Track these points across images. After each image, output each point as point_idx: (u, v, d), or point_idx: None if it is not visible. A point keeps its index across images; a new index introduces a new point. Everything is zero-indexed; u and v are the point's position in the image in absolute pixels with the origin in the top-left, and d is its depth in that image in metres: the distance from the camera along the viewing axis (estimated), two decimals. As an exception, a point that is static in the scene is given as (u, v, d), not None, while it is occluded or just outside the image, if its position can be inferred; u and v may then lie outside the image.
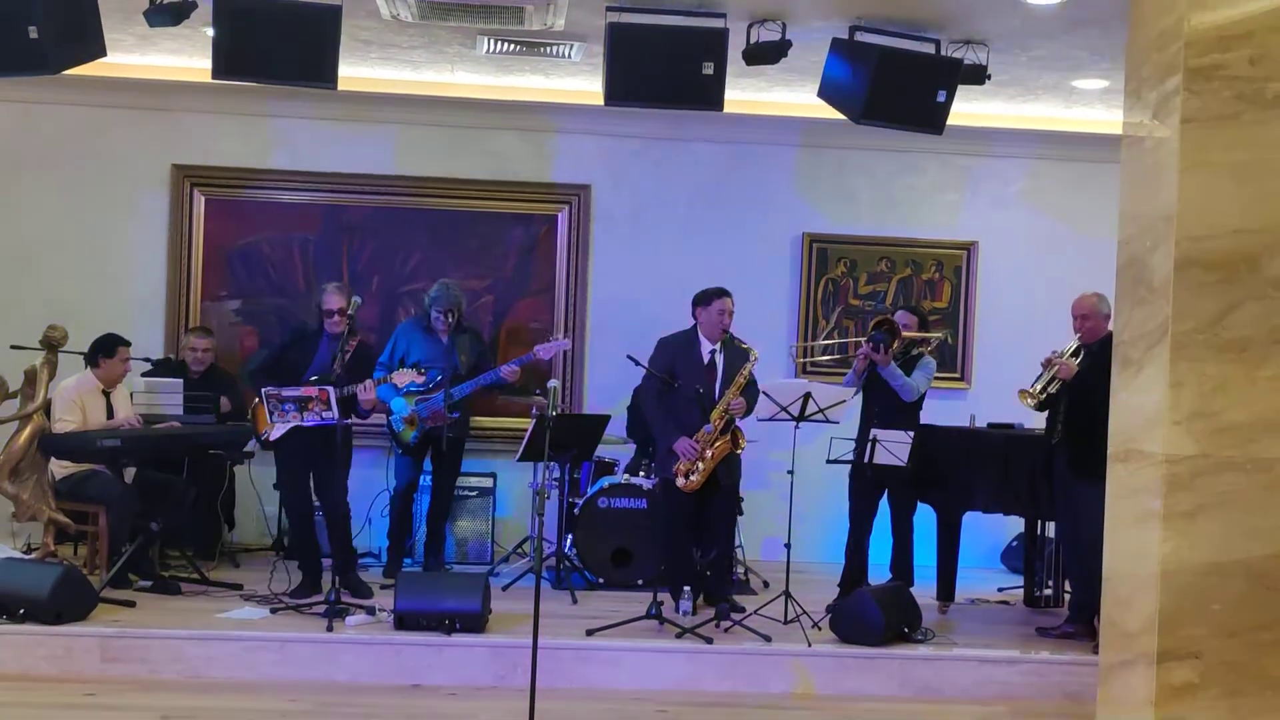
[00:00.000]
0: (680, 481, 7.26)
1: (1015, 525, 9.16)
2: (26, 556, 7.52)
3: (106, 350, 7.61)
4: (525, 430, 7.85)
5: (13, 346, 7.64)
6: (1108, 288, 7.00)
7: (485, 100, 9.29)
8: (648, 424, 7.77)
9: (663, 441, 7.47)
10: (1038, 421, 7.68)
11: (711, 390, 7.33)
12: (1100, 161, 9.51)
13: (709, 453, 7.22)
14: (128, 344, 7.73)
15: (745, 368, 7.28)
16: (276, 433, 7.31)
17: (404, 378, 7.40)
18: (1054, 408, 7.12)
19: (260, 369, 7.57)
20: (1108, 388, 5.11)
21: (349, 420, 7.11)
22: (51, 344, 7.35)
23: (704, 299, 7.49)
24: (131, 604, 6.98)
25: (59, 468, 7.51)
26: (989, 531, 9.32)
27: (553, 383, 5.63)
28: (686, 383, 7.30)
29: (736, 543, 8.18)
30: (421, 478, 8.46)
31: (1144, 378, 4.91)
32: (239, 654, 6.48)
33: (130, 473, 7.69)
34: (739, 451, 7.27)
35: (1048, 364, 7.08)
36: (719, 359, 7.42)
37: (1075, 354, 7.07)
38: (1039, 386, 7.08)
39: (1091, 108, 9.22)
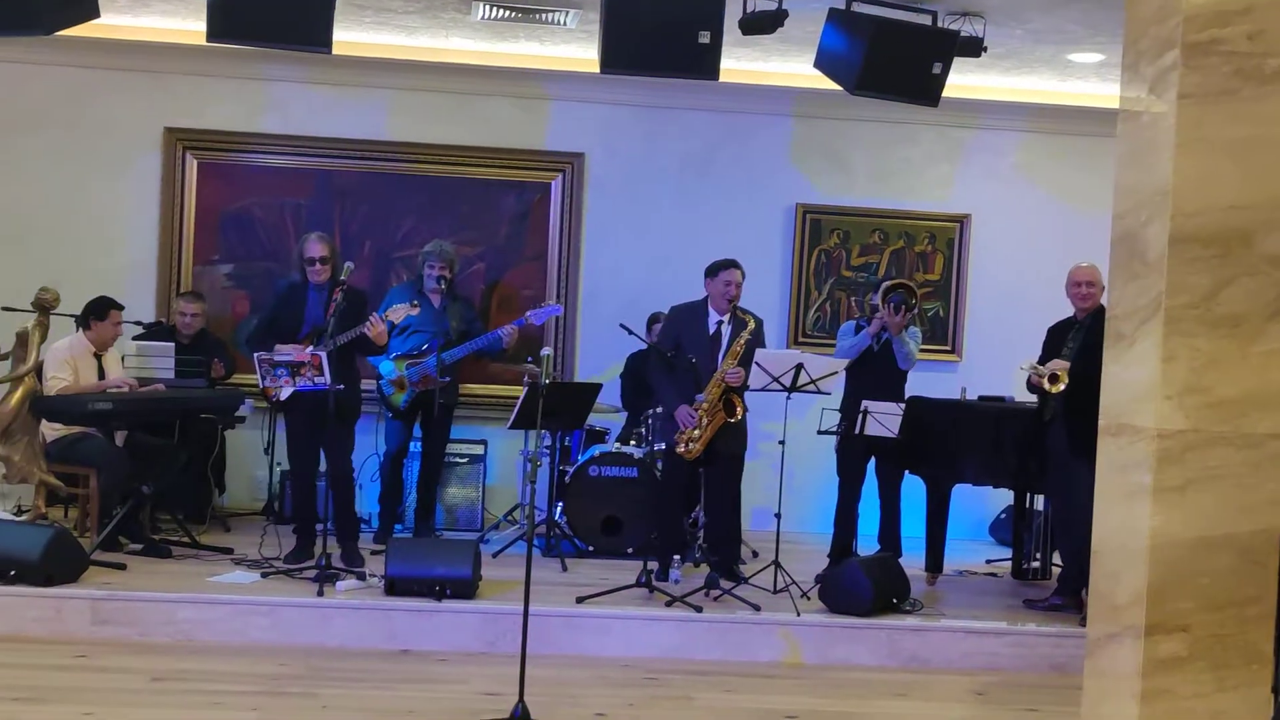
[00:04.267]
0: (680, 449, 7.28)
1: (1003, 498, 9.22)
2: (17, 518, 7.52)
3: (98, 313, 7.62)
4: (516, 398, 7.84)
5: (4, 308, 7.64)
6: (1099, 262, 7.05)
7: (479, 66, 9.26)
8: (653, 390, 7.77)
9: (665, 409, 7.50)
10: (1028, 395, 7.70)
11: (715, 361, 7.33)
12: (1094, 135, 9.52)
13: (706, 421, 7.23)
14: (120, 307, 7.73)
15: (741, 337, 7.28)
16: (285, 393, 7.25)
17: (398, 313, 7.32)
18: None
19: (255, 335, 7.53)
20: None
21: (341, 386, 7.06)
22: (43, 306, 7.34)
23: (712, 270, 7.49)
24: (122, 566, 6.99)
25: (50, 430, 7.51)
26: (977, 504, 9.38)
27: (546, 350, 5.62)
28: (691, 353, 7.32)
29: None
30: (411, 444, 8.47)
31: (1136, 352, 4.93)
32: (230, 618, 6.49)
33: (121, 436, 7.70)
34: (733, 421, 7.26)
35: (1041, 380, 6.98)
36: (725, 330, 7.42)
37: (1060, 345, 7.06)
38: (1048, 398, 6.97)
39: (1086, 81, 9.21)
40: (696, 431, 7.25)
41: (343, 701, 5.62)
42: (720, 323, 7.46)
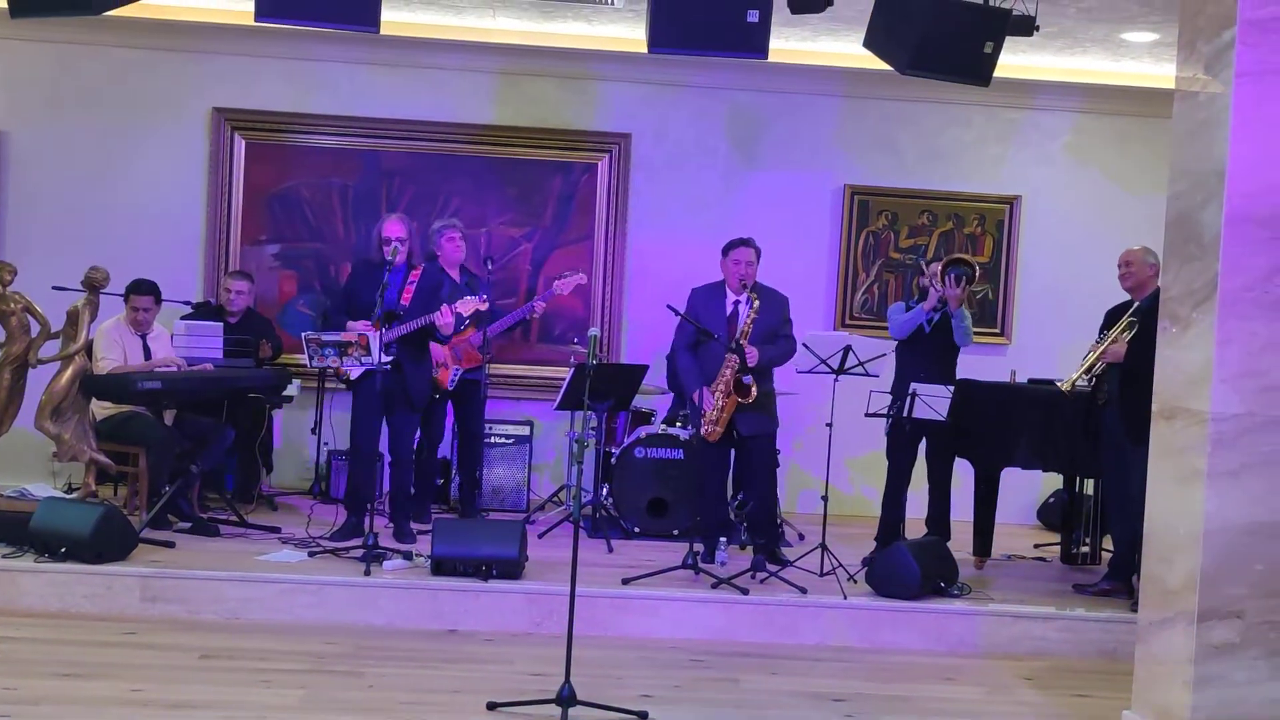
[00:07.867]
0: (703, 430, 7.26)
1: (1051, 482, 9.15)
2: (68, 496, 7.58)
3: (125, 295, 7.77)
4: (562, 378, 7.85)
5: (54, 287, 7.67)
6: (1153, 244, 6.97)
7: (527, 46, 9.25)
8: (678, 374, 7.74)
9: (685, 391, 7.49)
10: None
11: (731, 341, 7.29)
12: (1147, 116, 9.42)
13: (722, 403, 7.20)
14: (145, 292, 7.79)
15: (749, 317, 7.21)
16: (356, 372, 7.31)
17: (468, 306, 7.33)
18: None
19: (333, 312, 7.64)
20: None
21: (387, 366, 7.08)
22: (93, 285, 7.37)
23: (725, 250, 7.50)
24: (171, 544, 7.03)
25: (100, 409, 7.58)
26: (1025, 488, 9.30)
27: (593, 331, 5.60)
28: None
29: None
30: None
31: (1191, 335, 4.87)
32: (277, 596, 6.52)
33: (170, 415, 7.76)
34: (745, 401, 7.16)
35: (1096, 351, 6.94)
36: (742, 310, 7.37)
37: (1122, 324, 6.94)
38: (1078, 373, 6.95)
39: (1140, 61, 9.09)
40: (714, 413, 7.22)
41: (389, 681, 5.63)
42: (737, 303, 7.41)
